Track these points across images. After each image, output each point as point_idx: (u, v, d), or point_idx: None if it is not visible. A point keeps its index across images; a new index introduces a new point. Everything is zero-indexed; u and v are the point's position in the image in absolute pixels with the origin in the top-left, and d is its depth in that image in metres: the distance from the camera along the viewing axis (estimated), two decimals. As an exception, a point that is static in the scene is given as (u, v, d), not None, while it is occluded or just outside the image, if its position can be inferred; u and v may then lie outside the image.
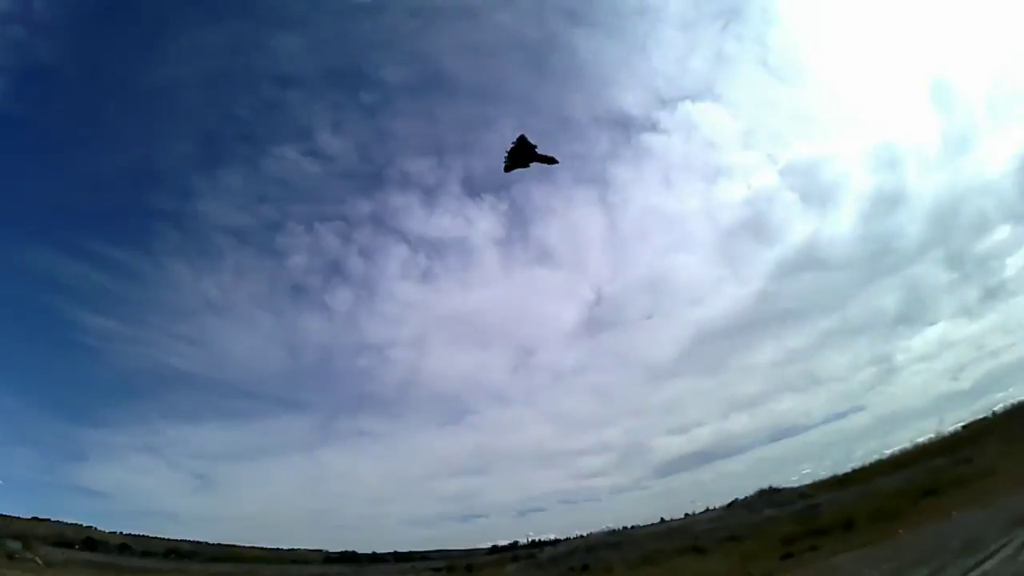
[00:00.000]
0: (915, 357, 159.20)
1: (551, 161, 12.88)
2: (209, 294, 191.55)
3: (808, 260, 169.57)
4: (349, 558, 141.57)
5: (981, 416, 58.47)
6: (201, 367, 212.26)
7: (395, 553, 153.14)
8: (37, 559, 61.30)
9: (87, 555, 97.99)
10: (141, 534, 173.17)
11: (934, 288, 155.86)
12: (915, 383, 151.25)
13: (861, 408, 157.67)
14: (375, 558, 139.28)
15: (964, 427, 55.63)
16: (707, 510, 56.62)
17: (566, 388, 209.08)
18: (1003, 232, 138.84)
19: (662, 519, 62.78)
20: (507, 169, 12.71)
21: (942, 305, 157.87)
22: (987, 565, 12.15)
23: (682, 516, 59.37)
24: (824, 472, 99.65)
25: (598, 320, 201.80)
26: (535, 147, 12.67)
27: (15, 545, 69.33)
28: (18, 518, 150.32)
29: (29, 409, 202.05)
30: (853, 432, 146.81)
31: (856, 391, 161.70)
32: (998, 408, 57.39)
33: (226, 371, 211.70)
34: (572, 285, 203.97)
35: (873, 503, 31.33)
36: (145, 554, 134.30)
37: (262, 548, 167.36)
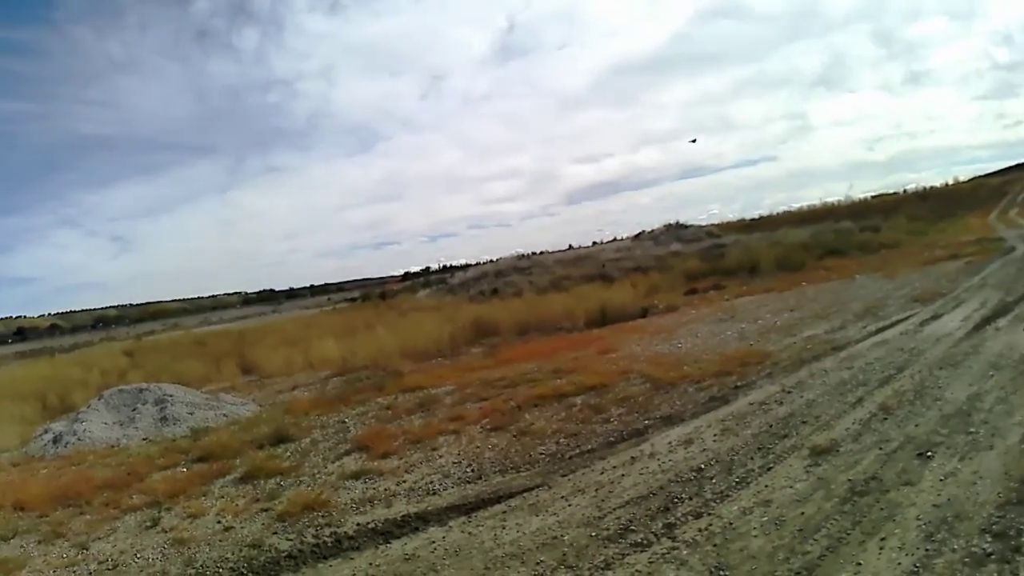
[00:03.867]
0: (831, 120, 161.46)
1: None
2: (114, 54, 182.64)
3: (730, 7, 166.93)
4: (267, 297, 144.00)
5: (892, 191, 60.55)
6: (112, 128, 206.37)
7: (311, 287, 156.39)
8: None
9: (19, 346, 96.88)
10: (69, 310, 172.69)
11: (857, 59, 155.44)
12: (829, 145, 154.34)
13: (773, 159, 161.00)
14: (292, 294, 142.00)
15: (873, 197, 57.68)
16: (614, 240, 58.25)
17: (476, 115, 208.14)
18: (937, 24, 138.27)
19: (570, 246, 64.48)
20: None
21: (863, 77, 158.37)
22: (887, 334, 12.66)
23: (590, 244, 61.11)
24: (732, 215, 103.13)
25: (510, 47, 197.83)
26: None
27: None
28: None
29: None
30: (763, 180, 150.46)
31: (769, 141, 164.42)
32: (910, 187, 59.43)
33: (137, 127, 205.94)
34: (484, 12, 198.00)
35: (778, 252, 32.37)
36: (75, 329, 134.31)
37: (184, 299, 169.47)
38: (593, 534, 6.04)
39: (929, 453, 6.67)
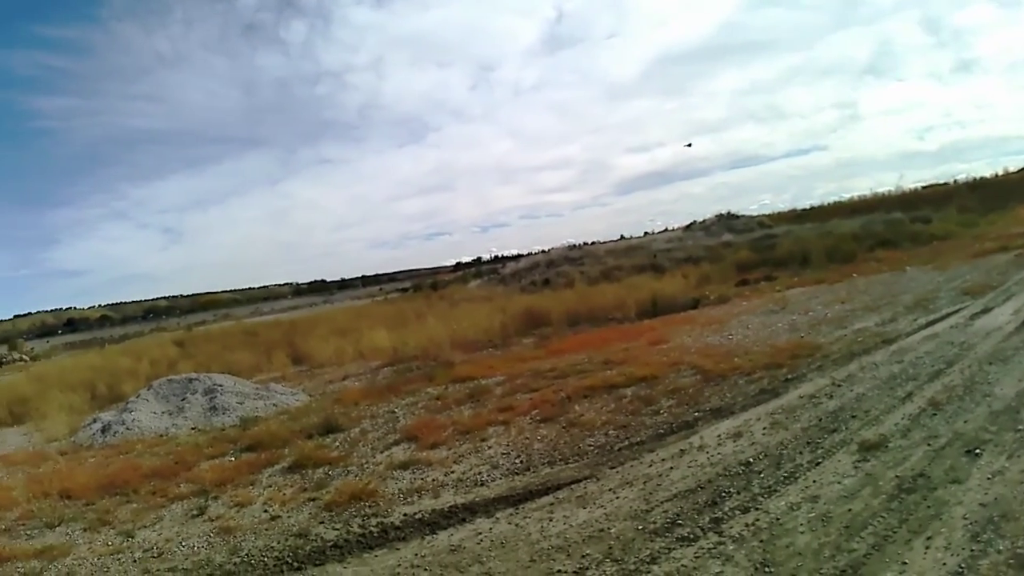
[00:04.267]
0: (881, 109, 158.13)
1: None
2: (161, 49, 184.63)
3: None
4: (318, 287, 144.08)
5: (942, 182, 58.99)
6: (161, 122, 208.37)
7: (363, 277, 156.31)
8: (23, 356, 60.71)
9: (70, 337, 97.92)
10: (119, 302, 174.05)
11: (906, 47, 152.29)
12: (879, 134, 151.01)
13: (824, 148, 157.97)
14: (343, 284, 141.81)
15: (924, 188, 55.98)
16: (666, 230, 57.61)
17: (526, 105, 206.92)
18: (985, 11, 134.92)
19: (622, 236, 63.95)
20: None
21: (912, 65, 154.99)
22: (938, 327, 12.43)
23: (641, 235, 60.54)
24: (783, 205, 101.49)
25: (559, 37, 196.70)
26: None
27: (1, 349, 68.60)
28: (1, 321, 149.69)
29: None
30: (814, 170, 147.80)
31: (819, 130, 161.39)
32: (960, 177, 57.86)
33: (186, 121, 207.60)
34: (532, 2, 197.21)
35: (829, 243, 31.77)
36: (125, 320, 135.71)
37: (235, 291, 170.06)
38: (640, 527, 6.01)
39: (977, 450, 6.55)
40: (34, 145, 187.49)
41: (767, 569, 4.94)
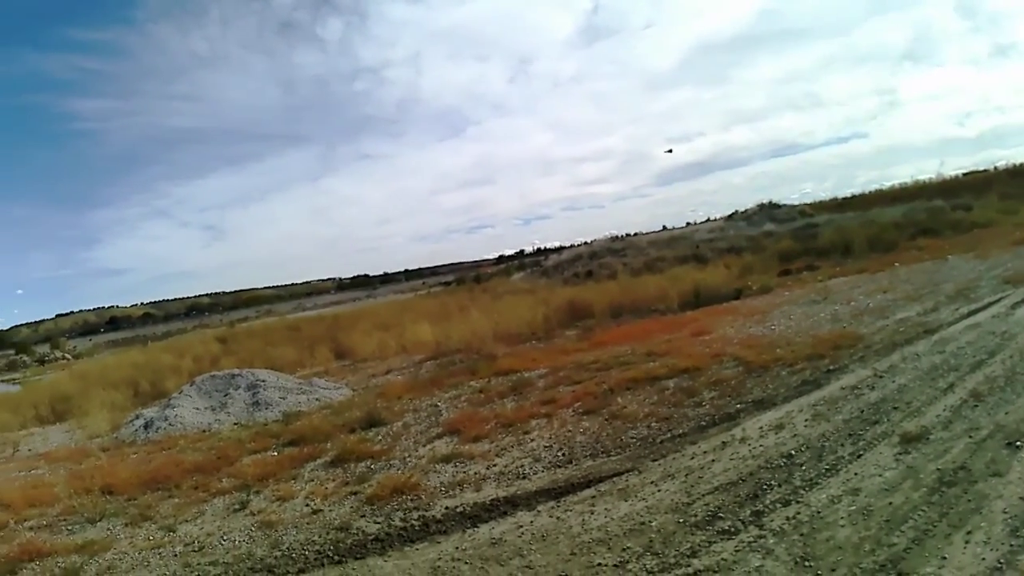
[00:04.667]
0: (920, 95, 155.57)
1: None
2: (198, 49, 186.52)
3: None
4: (361, 282, 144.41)
5: (983, 168, 57.81)
6: (200, 121, 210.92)
7: (405, 271, 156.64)
8: (66, 355, 61.58)
9: (112, 335, 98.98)
10: (161, 299, 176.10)
11: (943, 32, 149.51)
12: (918, 121, 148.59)
13: (864, 135, 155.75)
14: (386, 279, 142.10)
15: (965, 175, 54.89)
16: (708, 220, 57.11)
17: (565, 96, 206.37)
18: None
19: (664, 227, 63.57)
20: None
21: (950, 50, 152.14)
22: (979, 317, 12.25)
23: (683, 225, 60.05)
24: (824, 194, 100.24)
25: (596, 28, 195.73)
26: None
27: (44, 348, 69.39)
28: (43, 320, 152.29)
29: (38, 212, 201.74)
30: (854, 157, 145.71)
31: (859, 118, 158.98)
32: (1000, 164, 56.65)
33: (225, 120, 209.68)
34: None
35: (870, 231, 31.27)
36: (167, 317, 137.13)
37: (278, 286, 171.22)
38: (681, 520, 6.00)
39: (1018, 443, 6.47)
40: (74, 147, 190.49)
41: (807, 563, 4.93)
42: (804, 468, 6.75)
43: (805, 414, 8.49)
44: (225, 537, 7.68)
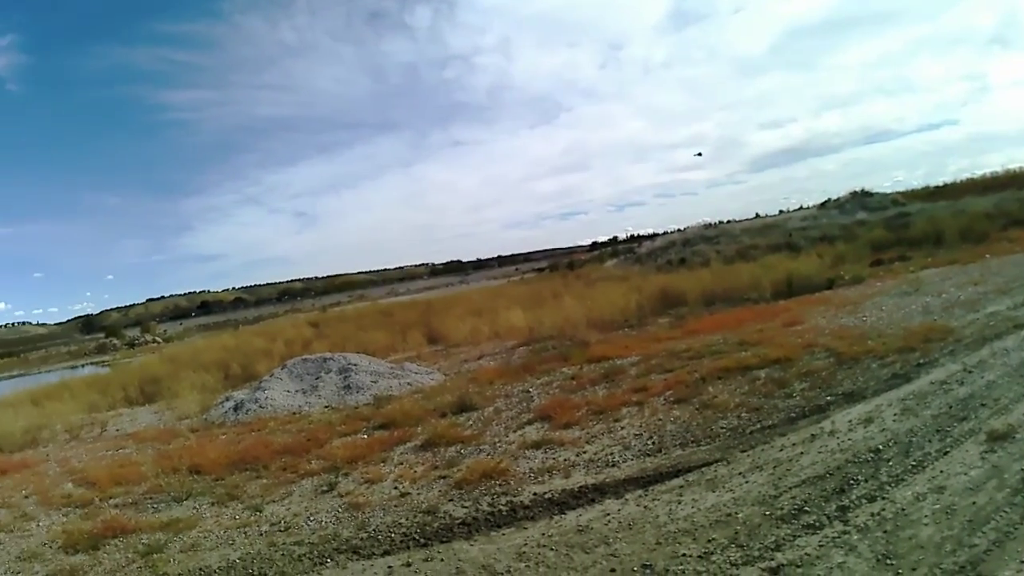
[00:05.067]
0: (1010, 81, 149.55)
1: None
2: (287, 39, 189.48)
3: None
4: (454, 267, 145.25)
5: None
6: (291, 109, 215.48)
7: (498, 257, 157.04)
8: (156, 338, 63.26)
9: (203, 319, 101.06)
10: (253, 284, 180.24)
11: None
12: (1009, 107, 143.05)
13: (954, 122, 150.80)
14: (479, 264, 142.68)
15: (1058, 164, 52.92)
16: (800, 208, 55.96)
17: (656, 82, 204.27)
18: None
19: (756, 215, 62.49)
20: None
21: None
22: None
23: (776, 213, 58.97)
24: (916, 182, 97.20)
25: (686, 13, 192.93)
26: None
27: (134, 332, 71.08)
28: (134, 305, 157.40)
29: (130, 201, 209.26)
30: (946, 145, 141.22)
31: (949, 103, 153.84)
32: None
33: (315, 108, 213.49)
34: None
35: (962, 221, 30.30)
36: (259, 302, 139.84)
37: (370, 272, 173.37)
38: (767, 513, 6.03)
39: (1108, 446, 6.33)
40: (166, 137, 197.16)
41: (888, 561, 4.93)
42: (891, 464, 6.71)
43: (894, 408, 8.41)
44: (312, 518, 7.87)
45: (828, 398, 9.29)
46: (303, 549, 6.94)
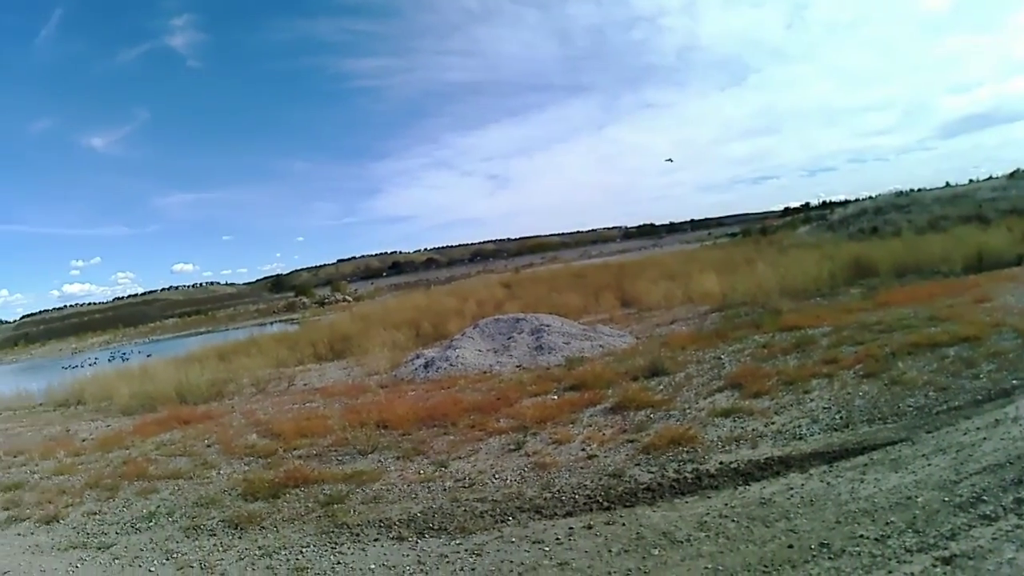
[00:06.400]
0: None
1: None
2: (470, 6, 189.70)
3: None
4: (647, 231, 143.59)
5: None
6: (477, 74, 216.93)
7: (691, 221, 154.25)
8: (347, 297, 65.33)
9: (394, 279, 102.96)
10: (445, 246, 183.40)
11: None
12: None
13: None
14: (672, 228, 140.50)
15: None
16: (990, 178, 52.44)
17: (843, 43, 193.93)
18: None
19: (947, 184, 58.93)
20: None
21: None
22: None
23: (966, 182, 55.39)
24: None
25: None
26: None
27: (325, 291, 73.20)
28: (324, 265, 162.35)
29: (320, 165, 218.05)
30: None
31: None
32: None
33: (502, 72, 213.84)
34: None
35: None
36: (451, 263, 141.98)
37: (563, 234, 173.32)
38: (946, 499, 5.90)
39: None
40: (352, 104, 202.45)
41: (1062, 561, 4.79)
42: (1074, 456, 6.41)
43: (1084, 396, 7.94)
44: (497, 475, 8.04)
45: (1014, 382, 8.83)
46: (485, 506, 7.09)
